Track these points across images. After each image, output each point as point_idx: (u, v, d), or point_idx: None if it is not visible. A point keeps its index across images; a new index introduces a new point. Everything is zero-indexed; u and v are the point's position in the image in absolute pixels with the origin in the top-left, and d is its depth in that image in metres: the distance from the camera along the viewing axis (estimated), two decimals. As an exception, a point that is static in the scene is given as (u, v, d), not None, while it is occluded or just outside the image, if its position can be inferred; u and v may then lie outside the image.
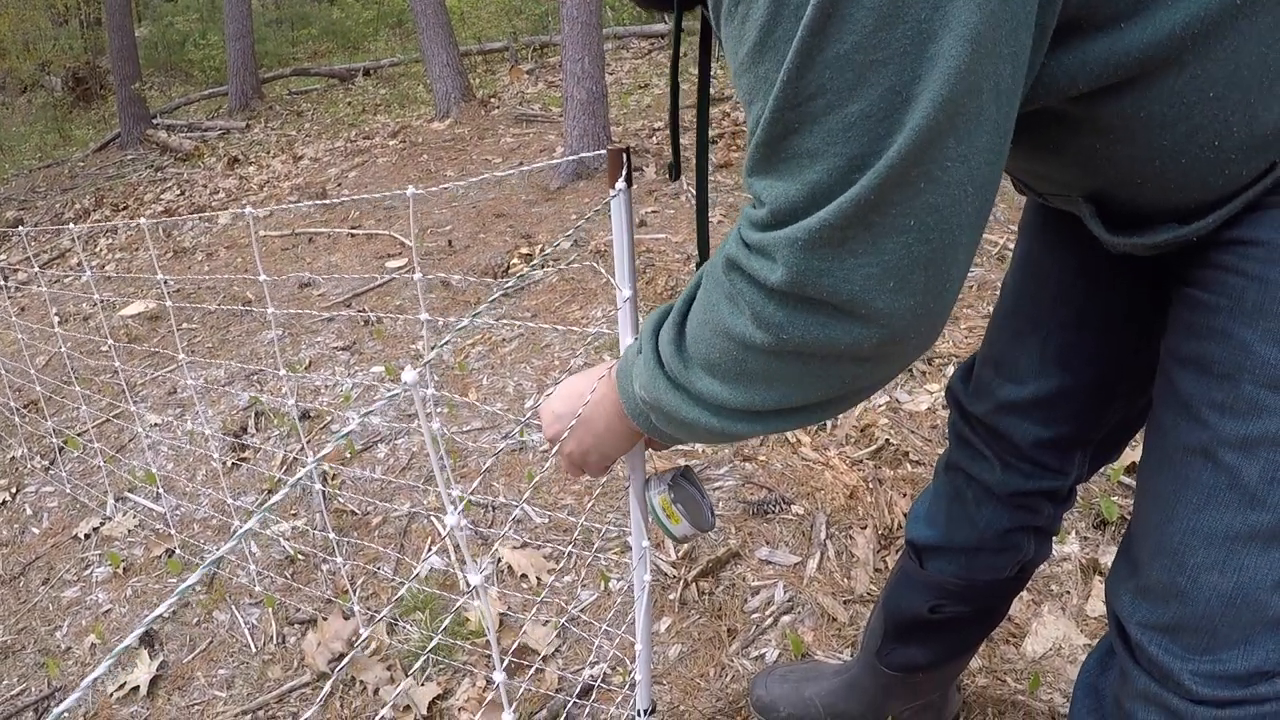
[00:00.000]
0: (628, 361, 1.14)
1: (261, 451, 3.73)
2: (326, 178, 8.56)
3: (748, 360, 0.89)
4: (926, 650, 1.83)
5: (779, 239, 0.79)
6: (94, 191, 10.88)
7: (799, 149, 0.76)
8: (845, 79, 0.71)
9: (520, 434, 3.41)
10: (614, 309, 4.26)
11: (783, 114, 0.75)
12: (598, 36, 6.65)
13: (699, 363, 0.96)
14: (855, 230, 0.75)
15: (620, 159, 1.25)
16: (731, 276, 0.88)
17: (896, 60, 0.69)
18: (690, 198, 5.83)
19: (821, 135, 0.74)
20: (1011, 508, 1.55)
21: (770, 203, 0.80)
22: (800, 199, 0.77)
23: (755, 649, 2.38)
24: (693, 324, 0.97)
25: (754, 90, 0.78)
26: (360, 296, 5.21)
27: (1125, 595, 1.16)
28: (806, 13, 0.70)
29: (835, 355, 0.85)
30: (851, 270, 0.77)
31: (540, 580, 2.69)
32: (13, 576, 3.37)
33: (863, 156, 0.73)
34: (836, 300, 0.79)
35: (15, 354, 5.36)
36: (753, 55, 0.76)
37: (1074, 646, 2.22)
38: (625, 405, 1.14)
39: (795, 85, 0.73)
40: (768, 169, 0.79)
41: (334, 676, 1.63)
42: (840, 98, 0.72)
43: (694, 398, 0.99)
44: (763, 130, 0.77)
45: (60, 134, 17.03)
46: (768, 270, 0.81)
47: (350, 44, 19.93)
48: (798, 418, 0.96)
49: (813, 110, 0.73)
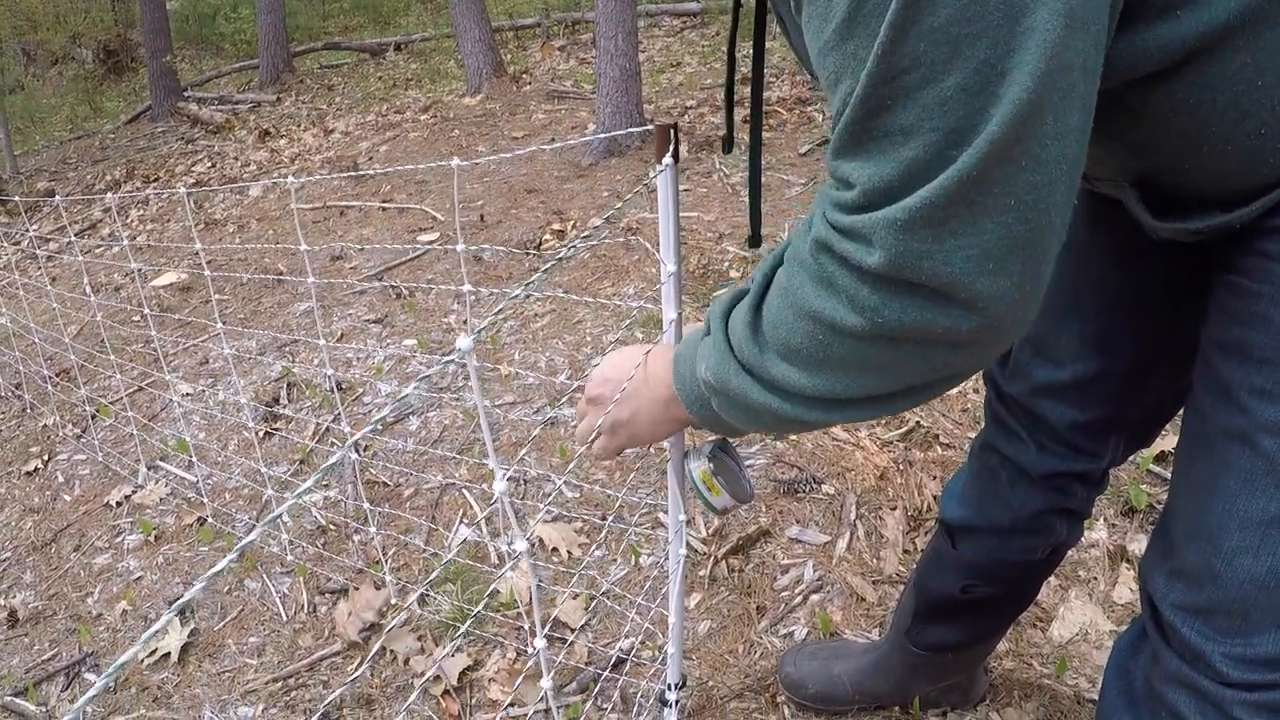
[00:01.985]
0: (689, 346, 1.11)
1: (294, 422, 3.74)
2: (358, 151, 8.56)
3: (834, 345, 0.86)
4: (956, 630, 1.83)
5: (876, 221, 0.77)
6: (125, 163, 10.92)
7: (892, 126, 0.74)
8: (940, 52, 0.69)
9: (552, 408, 3.41)
10: (646, 285, 4.25)
11: (875, 90, 0.73)
12: (631, 14, 6.63)
13: (776, 347, 0.93)
14: (957, 209, 0.73)
15: (667, 135, 1.24)
16: (821, 259, 0.84)
17: (990, 33, 0.68)
18: (723, 176, 5.81)
19: (916, 111, 0.72)
20: (1045, 489, 1.55)
21: (862, 183, 0.78)
22: (895, 178, 0.75)
23: (784, 626, 2.38)
24: (771, 308, 0.93)
25: (842, 68, 0.76)
26: (392, 270, 5.21)
27: (1159, 577, 1.15)
28: None
29: (931, 340, 0.82)
30: (952, 252, 0.75)
31: (571, 554, 2.69)
32: (44, 543, 3.39)
33: (960, 131, 0.71)
34: (936, 283, 0.77)
35: (48, 322, 5.39)
36: (841, 31, 0.74)
37: (1100, 632, 2.22)
38: (680, 390, 1.11)
39: (889, 60, 0.71)
40: (857, 149, 0.77)
41: (374, 645, 1.63)
42: (935, 71, 0.70)
43: (767, 383, 0.95)
44: (854, 108, 0.75)
45: (91, 106, 17.10)
46: (863, 253, 0.79)
47: (381, 18, 19.92)
48: (875, 407, 0.93)
49: (906, 85, 0.71)
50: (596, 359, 3.70)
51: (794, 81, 8.20)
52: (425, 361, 3.97)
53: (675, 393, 1.13)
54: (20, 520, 3.60)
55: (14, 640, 2.92)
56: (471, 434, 3.36)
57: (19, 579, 3.23)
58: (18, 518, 3.62)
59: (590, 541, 2.75)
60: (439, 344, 4.14)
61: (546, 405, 3.44)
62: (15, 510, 3.68)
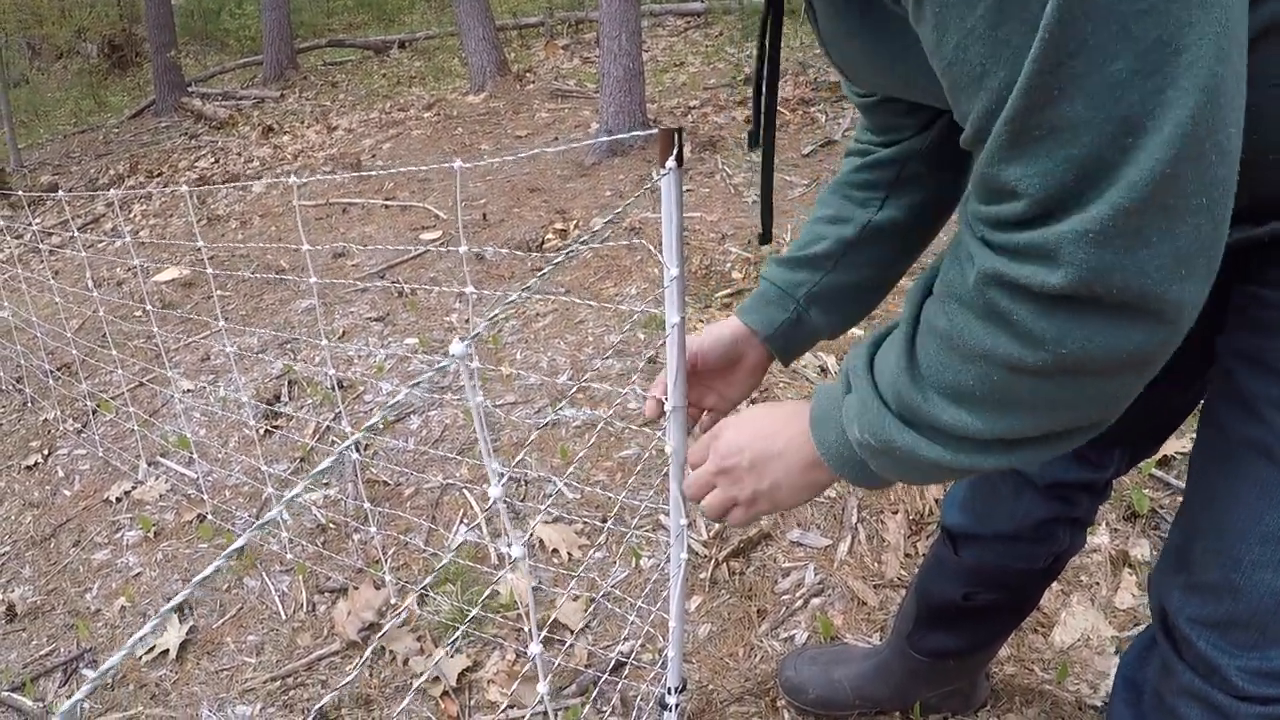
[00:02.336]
0: (829, 405, 1.03)
1: (294, 420, 3.73)
2: (361, 149, 8.56)
3: (1013, 385, 0.80)
4: (957, 637, 1.83)
5: (1062, 234, 0.69)
6: (128, 158, 10.91)
7: (1058, 120, 0.66)
8: (1109, 31, 0.63)
9: (553, 409, 3.40)
10: (649, 286, 4.24)
11: (1040, 79, 0.66)
12: (636, 13, 6.63)
13: (943, 392, 0.86)
14: (1153, 214, 0.67)
15: (672, 138, 1.23)
16: (991, 293, 0.77)
17: (1162, 6, 0.62)
18: (725, 177, 5.81)
19: (1084, 100, 0.65)
20: (1049, 499, 1.55)
21: (1032, 192, 0.70)
22: (1070, 180, 0.68)
23: (785, 630, 2.38)
24: (928, 352, 0.87)
25: (992, 57, 0.68)
26: (394, 268, 5.21)
27: (1175, 590, 1.14)
28: None
29: (1116, 364, 0.76)
30: (1146, 260, 0.69)
31: (572, 555, 2.69)
32: (44, 538, 3.38)
33: (1134, 120, 0.65)
34: (1127, 296, 0.70)
35: (50, 316, 5.38)
36: (991, 16, 0.67)
37: (1102, 638, 2.21)
38: (828, 456, 1.03)
39: (1055, 44, 0.64)
40: (1019, 150, 0.70)
41: (371, 644, 1.62)
42: (1103, 53, 0.63)
43: (936, 433, 0.88)
44: (1016, 101, 0.68)
45: (95, 100, 17.10)
46: (1045, 273, 0.71)
47: (385, 16, 19.94)
48: (1055, 444, 0.86)
49: (1072, 72, 0.65)
50: (597, 360, 3.70)
51: (797, 82, 8.20)
52: (426, 361, 3.96)
53: (819, 458, 1.05)
54: (20, 514, 3.59)
55: (12, 635, 2.91)
56: (472, 434, 3.36)
57: (18, 573, 3.23)
58: (17, 512, 3.62)
59: (590, 543, 2.74)
60: (440, 343, 4.13)
61: (548, 406, 3.44)
62: (15, 504, 3.68)
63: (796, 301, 1.38)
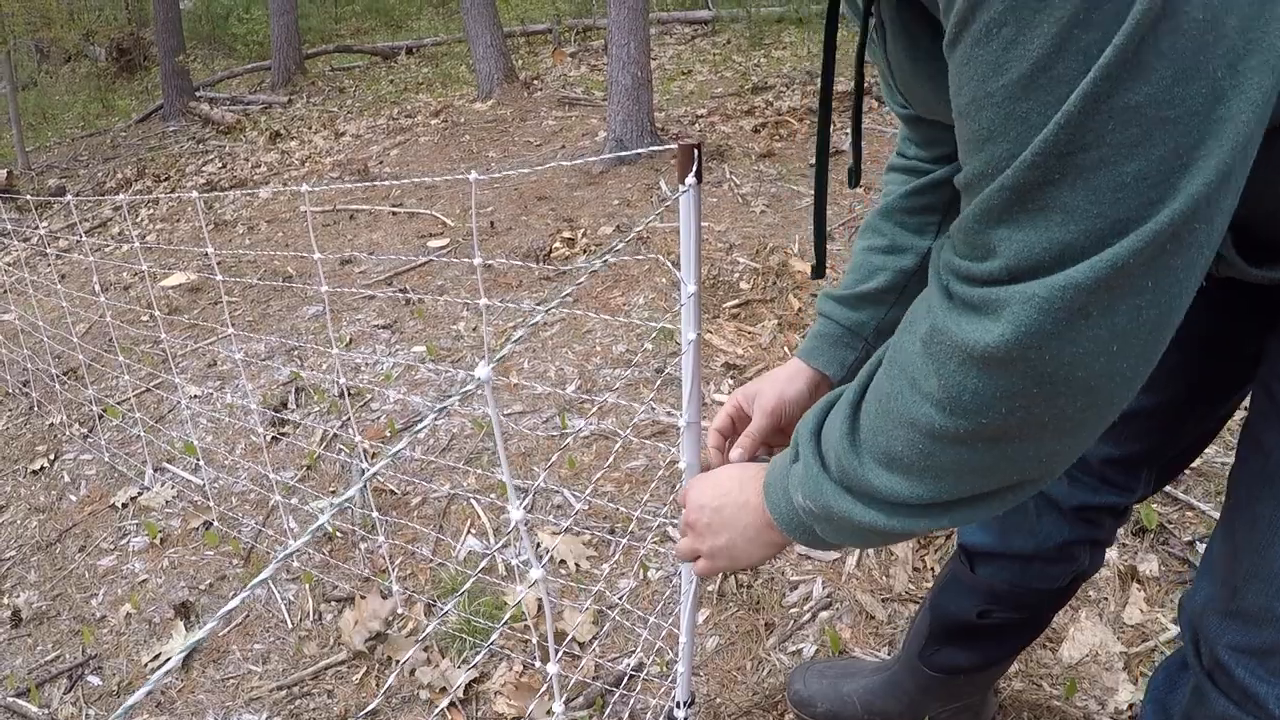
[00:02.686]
0: (778, 473, 1.06)
1: (301, 427, 3.73)
2: (368, 155, 8.57)
3: (936, 451, 0.81)
4: (970, 653, 1.83)
5: (1014, 294, 0.70)
6: (136, 162, 10.94)
7: (1054, 202, 0.67)
8: (1129, 134, 0.63)
9: (562, 420, 3.39)
10: (656, 296, 4.24)
11: (1046, 160, 0.66)
12: (644, 21, 6.63)
13: (876, 457, 0.88)
14: (1101, 294, 0.68)
15: (691, 154, 1.23)
16: (933, 347, 0.79)
17: (1185, 120, 0.63)
18: (733, 186, 5.81)
19: (1086, 192, 0.66)
20: (1074, 521, 1.54)
21: (1008, 256, 0.71)
22: (1046, 256, 0.69)
23: (793, 644, 2.37)
24: (868, 414, 0.89)
25: (1001, 126, 0.69)
26: (401, 275, 5.20)
27: (1212, 617, 1.13)
28: (1105, 55, 0.62)
29: (1037, 430, 0.77)
30: (1080, 333, 0.70)
31: (580, 567, 2.68)
32: (49, 543, 3.38)
33: (1127, 221, 0.66)
34: (1055, 366, 0.72)
35: (56, 321, 5.38)
36: (1014, 89, 0.67)
37: (1110, 654, 2.20)
38: (778, 519, 1.05)
39: (1071, 133, 0.64)
40: (1008, 217, 0.71)
41: (399, 665, 1.62)
42: (1117, 153, 0.64)
43: (869, 498, 0.90)
44: (1016, 174, 0.68)
45: (103, 104, 17.13)
46: (982, 331, 0.73)
47: (393, 22, 19.99)
48: (981, 506, 0.87)
49: (1081, 163, 0.65)
50: (605, 370, 3.70)
51: (804, 92, 8.21)
52: (434, 370, 3.96)
53: (771, 521, 1.07)
54: (25, 519, 3.59)
55: (17, 640, 2.91)
56: (480, 443, 3.35)
57: (23, 578, 3.22)
58: (23, 516, 3.62)
59: (599, 555, 2.73)
60: (448, 351, 4.13)
61: (555, 415, 3.43)
62: (20, 509, 3.67)
63: (864, 339, 1.38)
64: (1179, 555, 2.44)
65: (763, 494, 1.09)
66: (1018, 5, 0.63)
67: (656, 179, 6.17)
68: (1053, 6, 0.62)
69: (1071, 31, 0.62)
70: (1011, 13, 0.64)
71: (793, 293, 4.12)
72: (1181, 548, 2.46)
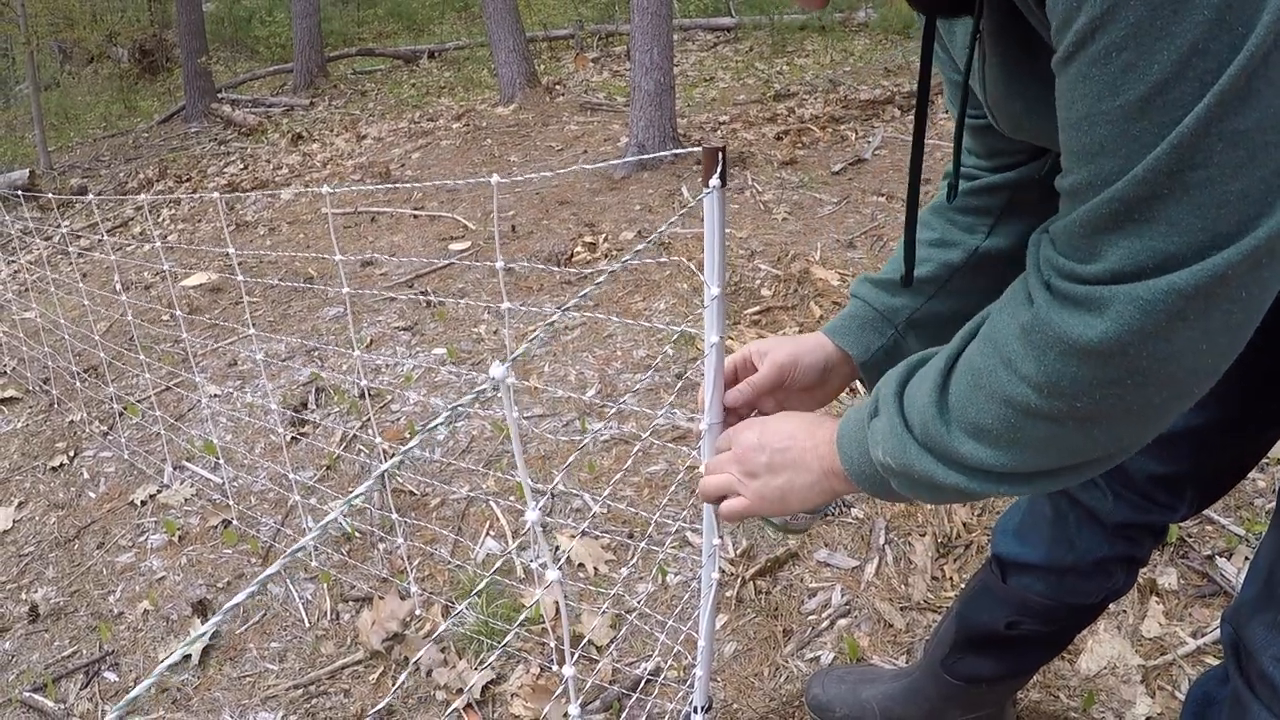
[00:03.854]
0: (857, 425, 1.08)
1: (321, 427, 3.73)
2: (390, 158, 8.59)
3: (1027, 426, 0.87)
4: (994, 664, 1.81)
5: (1119, 293, 0.75)
6: (158, 162, 10.98)
7: (1160, 215, 0.72)
8: (1235, 155, 0.68)
9: (582, 424, 3.39)
10: (677, 301, 4.23)
11: (1156, 177, 0.71)
12: (668, 28, 6.63)
13: (964, 427, 0.92)
14: (1200, 301, 0.73)
15: (716, 157, 1.22)
16: (1033, 336, 0.83)
17: None
18: (755, 193, 5.80)
19: (1191, 207, 0.70)
20: (1114, 537, 1.53)
21: (1113, 262, 0.76)
22: (1149, 263, 0.74)
23: (810, 651, 2.36)
24: (959, 387, 0.93)
25: (1114, 142, 0.73)
26: (422, 277, 5.21)
27: (1259, 629, 1.13)
28: (1220, 83, 0.66)
29: (1123, 415, 0.83)
30: (1176, 333, 0.75)
31: (598, 571, 2.67)
32: (68, 539, 3.39)
33: (1227, 235, 0.70)
34: (1150, 361, 0.77)
35: (78, 319, 5.41)
36: (1130, 109, 0.71)
37: (1128, 666, 2.19)
38: (850, 470, 1.08)
39: (1182, 153, 0.69)
40: (1116, 227, 0.76)
41: (415, 664, 1.61)
42: (1223, 173, 0.68)
43: (953, 462, 0.94)
44: (1126, 188, 0.73)
45: (125, 105, 17.21)
46: (1085, 325, 0.78)
47: (415, 26, 20.04)
48: (1073, 475, 0.92)
49: (1189, 180, 0.70)
50: (626, 375, 3.69)
51: (827, 100, 8.20)
52: (454, 372, 3.96)
53: (841, 470, 1.10)
54: (44, 515, 3.60)
55: (34, 635, 2.92)
56: (500, 445, 3.35)
57: (41, 574, 3.23)
58: (42, 512, 3.62)
59: (617, 559, 2.73)
60: (468, 354, 4.13)
61: (575, 419, 3.43)
62: (40, 505, 3.68)
63: (895, 327, 1.38)
64: (1198, 569, 2.43)
65: (835, 443, 1.11)
66: (1139, 32, 0.67)
67: (678, 185, 6.17)
68: (1173, 36, 0.65)
69: (1190, 60, 0.66)
70: (1133, 39, 0.67)
71: (814, 300, 4.11)
72: (1201, 561, 2.45)
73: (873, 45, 11.15)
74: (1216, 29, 0.64)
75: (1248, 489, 2.67)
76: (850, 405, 1.16)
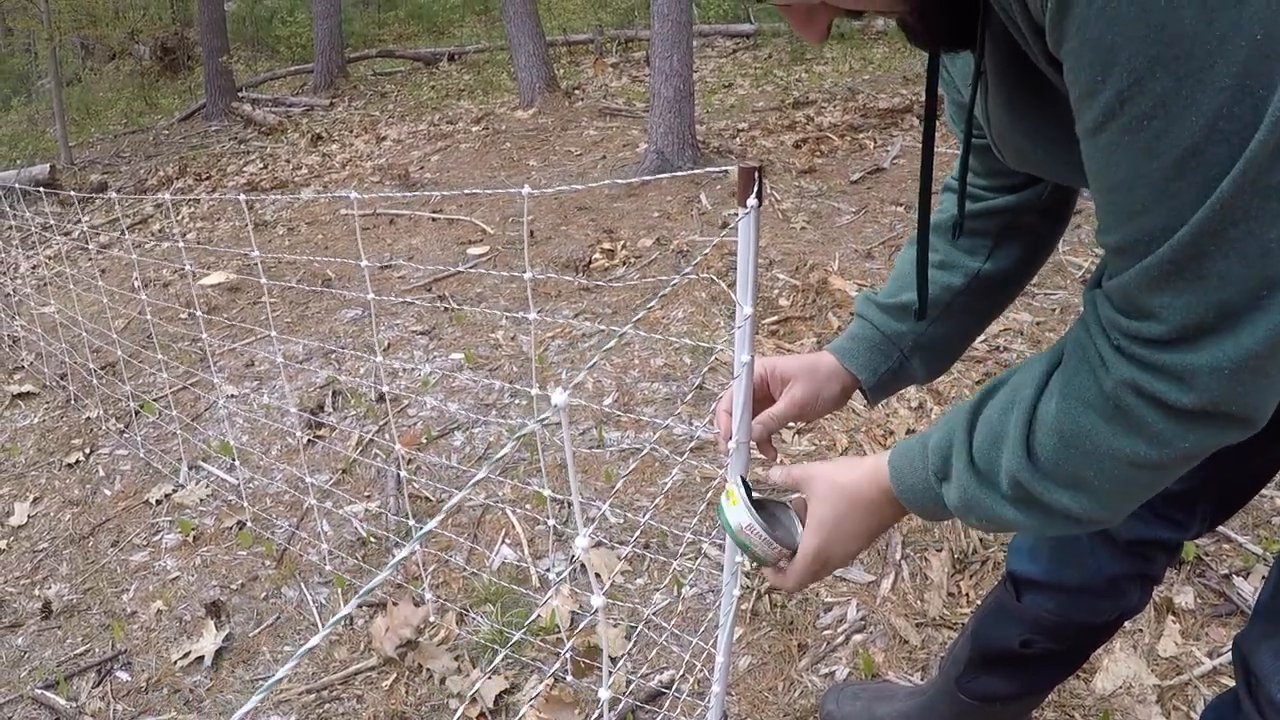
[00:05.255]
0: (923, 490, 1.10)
1: (337, 431, 3.73)
2: (409, 160, 8.60)
3: (1135, 476, 0.90)
4: (1009, 683, 1.81)
5: (1198, 365, 0.80)
6: (178, 160, 11.01)
7: (1211, 271, 0.76)
8: (1271, 207, 0.71)
9: (599, 432, 3.38)
10: (695, 310, 4.23)
11: (1201, 237, 0.75)
12: (688, 34, 6.63)
13: (1063, 481, 0.94)
14: (1275, 356, 0.77)
15: (752, 177, 1.22)
16: (1127, 400, 0.86)
17: None
18: (774, 202, 5.79)
19: (1238, 259, 0.74)
20: (1127, 554, 1.52)
21: (1172, 321, 0.80)
22: (1211, 318, 0.78)
23: (825, 666, 2.35)
24: (1047, 447, 0.95)
25: (1154, 203, 0.77)
26: (440, 281, 5.21)
27: (1266, 655, 1.13)
28: (1250, 147, 0.69)
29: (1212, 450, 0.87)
30: (1266, 386, 0.80)
31: (614, 581, 2.67)
32: (82, 536, 3.39)
33: (1275, 276, 0.74)
34: (1243, 412, 0.82)
35: (95, 315, 5.42)
36: (1169, 170, 0.74)
37: (1144, 686, 2.18)
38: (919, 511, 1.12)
39: (1222, 212, 0.73)
40: (1168, 286, 0.79)
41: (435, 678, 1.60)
42: (1262, 224, 0.72)
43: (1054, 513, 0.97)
44: (1175, 250, 0.77)
45: (146, 101, 17.30)
46: (1177, 393, 0.82)
47: (436, 28, 20.10)
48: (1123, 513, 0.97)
49: (1234, 235, 0.73)
50: (644, 383, 3.68)
51: (845, 108, 8.20)
52: (472, 378, 3.95)
53: (901, 509, 1.15)
54: (59, 512, 3.61)
55: (47, 632, 2.92)
56: (517, 454, 3.34)
57: (55, 570, 3.23)
58: (57, 509, 3.63)
59: (633, 569, 2.72)
60: (486, 360, 4.12)
61: (592, 428, 3.42)
62: (55, 501, 3.69)
63: (900, 350, 1.40)
64: (1215, 588, 2.42)
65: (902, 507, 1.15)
66: (1167, 101, 0.71)
67: (697, 192, 6.16)
68: (1199, 104, 0.69)
69: (1216, 124, 0.70)
70: (1162, 108, 0.71)
71: (832, 311, 4.11)
72: (1218, 580, 2.43)
73: (891, 53, 11.15)
74: (1239, 94, 0.68)
75: (1265, 507, 2.66)
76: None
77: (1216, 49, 0.68)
